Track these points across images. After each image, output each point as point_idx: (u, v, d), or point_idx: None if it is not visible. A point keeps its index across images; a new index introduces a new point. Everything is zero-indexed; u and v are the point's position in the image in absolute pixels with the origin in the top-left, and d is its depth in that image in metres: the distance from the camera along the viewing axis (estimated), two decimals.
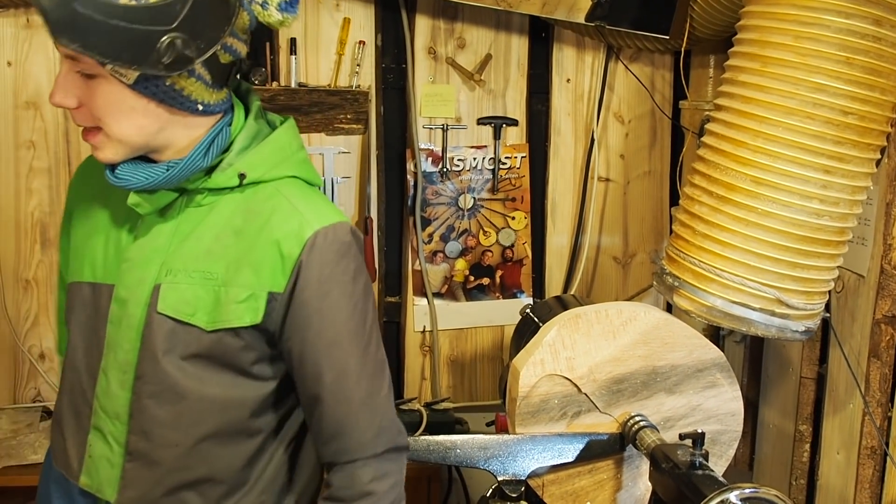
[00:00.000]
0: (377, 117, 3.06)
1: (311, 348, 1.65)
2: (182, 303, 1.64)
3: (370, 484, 1.71)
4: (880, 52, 2.00)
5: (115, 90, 1.53)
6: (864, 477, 2.33)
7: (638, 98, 3.22)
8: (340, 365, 1.67)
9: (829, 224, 2.09)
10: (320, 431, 1.72)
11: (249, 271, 1.63)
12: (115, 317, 1.68)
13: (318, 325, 1.64)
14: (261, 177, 1.68)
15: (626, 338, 2.10)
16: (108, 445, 1.71)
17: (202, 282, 1.64)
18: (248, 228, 1.64)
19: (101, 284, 1.71)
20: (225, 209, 1.67)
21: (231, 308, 1.63)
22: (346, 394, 1.68)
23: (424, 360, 3.22)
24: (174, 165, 1.61)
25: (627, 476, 2.14)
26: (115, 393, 1.69)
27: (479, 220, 3.18)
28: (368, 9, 2.99)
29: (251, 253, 1.63)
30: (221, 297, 1.63)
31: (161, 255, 1.66)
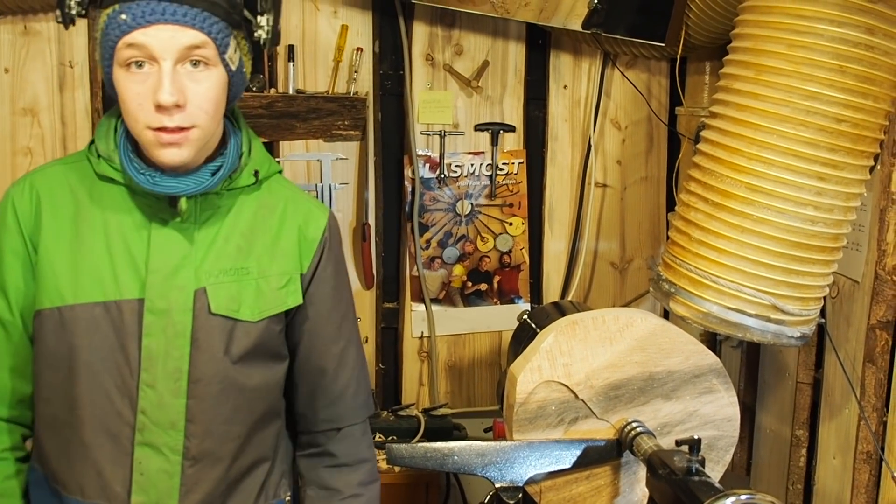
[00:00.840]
0: (375, 124, 3.07)
1: (326, 321, 1.85)
2: (230, 300, 1.72)
3: (368, 450, 1.95)
4: (873, 61, 2.01)
5: (222, 80, 1.62)
6: (861, 482, 2.34)
7: (634, 104, 3.23)
8: (347, 335, 1.90)
9: (823, 230, 2.10)
10: (320, 399, 1.88)
11: (282, 259, 1.78)
12: (155, 329, 1.67)
13: (335, 300, 1.86)
14: (266, 173, 1.80)
15: (622, 344, 2.11)
16: (164, 457, 1.70)
17: (240, 278, 1.73)
18: (268, 222, 1.78)
19: (121, 301, 1.67)
20: (244, 208, 1.76)
21: (273, 295, 1.76)
22: (349, 361, 1.89)
23: (422, 366, 3.23)
24: (218, 167, 1.68)
25: (625, 482, 2.14)
26: (169, 403, 1.69)
27: (477, 225, 3.19)
28: (366, 16, 3.01)
29: (278, 242, 1.78)
30: (262, 288, 1.75)
31: (192, 260, 1.69)
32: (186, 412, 1.70)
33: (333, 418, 1.90)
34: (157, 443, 1.69)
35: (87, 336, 1.67)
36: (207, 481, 1.75)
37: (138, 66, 1.55)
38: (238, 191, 1.75)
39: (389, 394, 3.26)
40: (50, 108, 2.83)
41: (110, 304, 1.67)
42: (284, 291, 1.78)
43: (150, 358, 1.67)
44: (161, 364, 1.68)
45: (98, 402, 1.69)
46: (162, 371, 1.68)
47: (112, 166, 1.68)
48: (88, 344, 1.67)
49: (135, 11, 1.52)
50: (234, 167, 1.72)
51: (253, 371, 1.76)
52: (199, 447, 1.72)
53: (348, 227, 3.11)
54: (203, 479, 1.74)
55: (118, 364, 1.68)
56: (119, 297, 1.67)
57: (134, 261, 1.68)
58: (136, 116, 1.58)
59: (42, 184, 1.74)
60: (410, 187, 3.12)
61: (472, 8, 2.84)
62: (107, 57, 1.58)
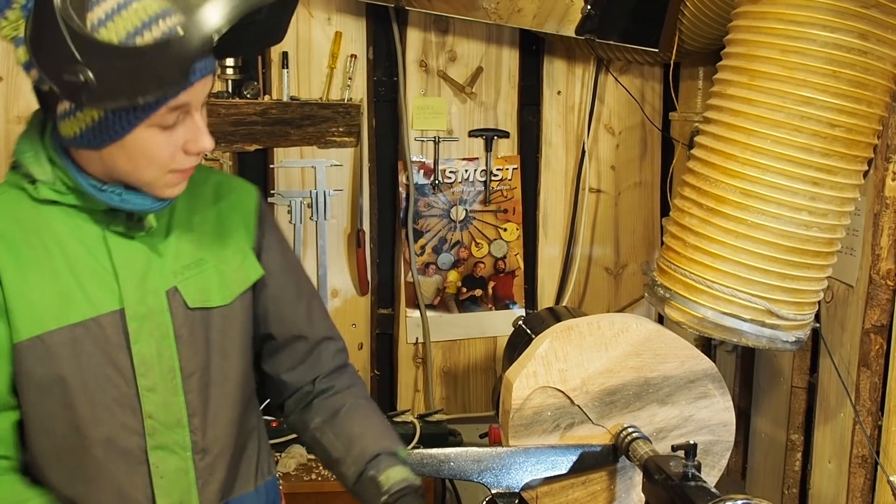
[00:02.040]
0: (369, 130, 3.08)
1: (285, 286, 1.88)
2: (200, 292, 1.72)
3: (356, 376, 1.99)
4: (866, 66, 2.02)
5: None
6: (856, 486, 2.35)
7: (628, 110, 3.24)
8: (309, 292, 1.94)
9: (818, 235, 2.11)
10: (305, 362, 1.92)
11: (229, 238, 1.78)
12: (142, 334, 1.66)
13: (287, 263, 1.90)
14: None
15: (618, 349, 2.11)
16: (178, 455, 1.71)
17: (201, 270, 1.73)
18: (206, 208, 1.78)
19: (99, 317, 1.63)
20: (179, 202, 1.73)
21: (236, 275, 1.77)
22: (318, 316, 1.94)
23: (417, 372, 3.23)
24: None
25: (621, 487, 2.14)
26: (171, 401, 1.69)
27: (471, 231, 3.19)
28: (360, 22, 3.01)
29: (221, 224, 1.78)
30: (224, 271, 1.75)
31: (155, 261, 1.68)
32: (187, 407, 1.71)
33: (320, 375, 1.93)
34: (169, 443, 1.70)
35: (74, 359, 1.62)
36: (219, 470, 1.76)
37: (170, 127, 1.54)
38: None
39: (385, 400, 3.26)
40: None
41: (88, 323, 1.62)
42: (244, 267, 1.79)
43: (145, 363, 1.66)
44: (157, 366, 1.67)
45: (102, 419, 1.66)
46: (159, 372, 1.67)
47: (54, 189, 1.60)
48: (77, 366, 1.63)
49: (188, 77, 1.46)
50: None
51: (236, 354, 1.78)
52: (204, 439, 1.73)
53: (343, 233, 3.11)
54: (215, 469, 1.76)
55: (111, 378, 1.65)
56: (96, 314, 1.63)
57: (100, 275, 1.64)
58: (165, 165, 1.56)
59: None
60: (405, 193, 3.12)
61: (466, 14, 2.85)
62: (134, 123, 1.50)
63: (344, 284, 3.15)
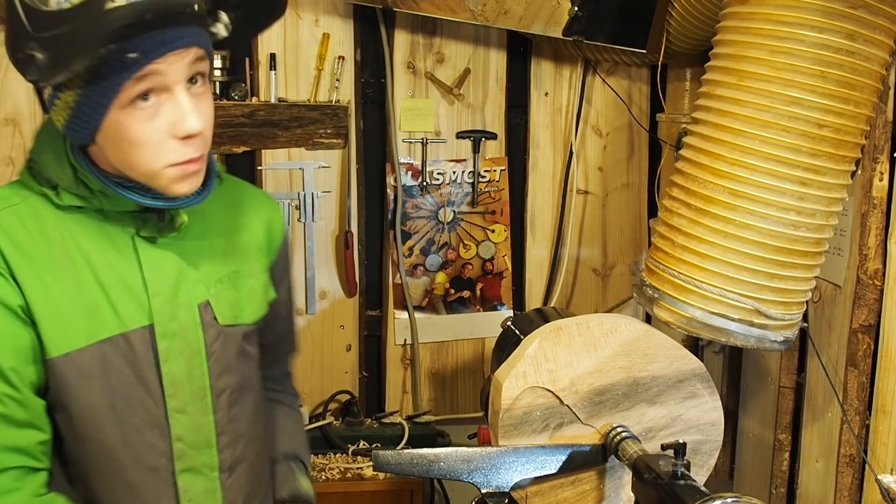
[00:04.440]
0: (357, 132, 3.07)
1: (285, 296, 1.91)
2: (232, 307, 1.69)
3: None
4: (854, 66, 2.03)
5: (211, 98, 1.51)
6: (844, 485, 2.35)
7: (615, 111, 3.25)
8: (292, 301, 2.01)
9: (806, 235, 2.12)
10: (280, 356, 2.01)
11: (257, 254, 1.78)
12: (173, 353, 1.59)
13: (288, 278, 1.94)
14: (221, 171, 1.74)
15: (607, 349, 2.11)
16: (205, 476, 1.67)
17: (234, 283, 1.71)
18: (240, 220, 1.77)
19: (128, 333, 1.56)
20: (214, 210, 1.70)
21: (262, 293, 1.78)
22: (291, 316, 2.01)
23: (405, 374, 3.23)
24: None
25: (610, 487, 2.14)
26: (200, 422, 1.64)
27: (459, 233, 3.19)
28: (347, 24, 3.01)
29: (253, 239, 1.78)
30: (255, 287, 1.76)
31: (187, 275, 1.62)
32: (216, 427, 1.67)
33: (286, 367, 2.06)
34: (197, 465, 1.65)
35: (102, 377, 1.55)
36: (244, 486, 1.75)
37: (144, 99, 1.41)
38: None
39: (373, 401, 3.26)
40: (32, 118, 2.82)
41: (117, 339, 1.55)
42: (265, 287, 1.79)
43: (175, 383, 1.60)
44: (187, 386, 1.61)
45: (131, 440, 1.59)
46: (189, 392, 1.61)
47: (78, 194, 1.53)
48: (105, 385, 1.55)
49: (144, 47, 1.36)
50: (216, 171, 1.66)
51: (254, 366, 1.78)
52: (231, 457, 1.70)
53: (331, 235, 3.11)
54: (241, 486, 1.74)
55: (140, 398, 1.58)
56: (125, 329, 1.56)
57: (130, 288, 1.57)
58: (156, 157, 1.45)
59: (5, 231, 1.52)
60: (393, 195, 3.12)
61: (452, 16, 2.85)
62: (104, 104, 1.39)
63: (332, 286, 3.14)
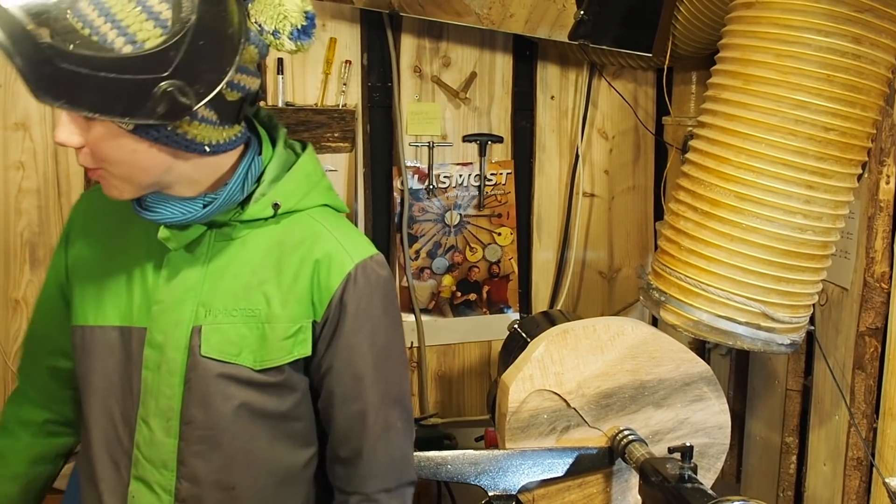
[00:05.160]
0: (364, 135, 3.08)
1: (337, 378, 1.65)
2: (227, 343, 1.59)
3: None
4: (860, 70, 2.03)
5: (114, 133, 1.44)
6: (851, 488, 2.35)
7: (621, 114, 3.25)
8: (363, 400, 1.66)
9: (812, 238, 2.12)
10: (338, 459, 1.70)
11: (295, 304, 1.61)
12: (152, 362, 1.61)
13: (346, 357, 1.64)
14: (294, 206, 1.64)
15: (613, 353, 2.12)
16: (156, 495, 1.63)
17: (245, 320, 1.60)
18: (288, 260, 1.62)
19: (132, 328, 1.62)
20: (260, 242, 1.62)
21: (280, 345, 1.61)
22: (364, 427, 1.67)
23: (412, 377, 3.23)
24: (212, 200, 1.56)
25: (616, 490, 2.15)
26: (161, 441, 1.62)
27: (466, 236, 3.20)
28: (354, 28, 3.01)
29: (296, 285, 1.61)
30: (268, 335, 1.60)
31: (195, 294, 1.60)
32: (178, 453, 1.62)
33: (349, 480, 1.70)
34: (150, 480, 1.63)
35: (102, 359, 1.64)
36: None
37: None
38: (255, 223, 1.62)
39: None
40: (42, 122, 2.83)
41: (125, 330, 1.63)
42: (292, 341, 1.62)
43: (147, 392, 1.61)
44: (155, 400, 1.61)
45: (104, 426, 1.65)
46: (155, 408, 1.61)
47: None
48: (102, 367, 1.64)
49: None
50: (235, 199, 1.58)
51: (255, 423, 1.64)
52: (189, 490, 1.63)
53: None
54: None
55: (124, 392, 1.63)
56: (131, 324, 1.62)
57: (146, 288, 1.61)
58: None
59: (91, 198, 1.75)
60: (399, 198, 3.13)
61: (458, 20, 2.85)
62: None
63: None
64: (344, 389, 1.65)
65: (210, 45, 1.41)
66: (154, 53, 1.36)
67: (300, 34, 1.52)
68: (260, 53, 1.55)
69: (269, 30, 1.51)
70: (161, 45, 1.37)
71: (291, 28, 1.51)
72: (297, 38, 1.53)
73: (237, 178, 1.57)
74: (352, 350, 1.64)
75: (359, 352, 1.64)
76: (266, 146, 1.65)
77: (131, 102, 1.38)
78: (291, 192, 1.63)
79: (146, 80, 1.37)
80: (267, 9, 1.50)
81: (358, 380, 1.65)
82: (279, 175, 1.63)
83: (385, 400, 1.68)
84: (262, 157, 1.63)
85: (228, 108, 1.52)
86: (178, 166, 1.52)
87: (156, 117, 1.40)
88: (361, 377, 1.65)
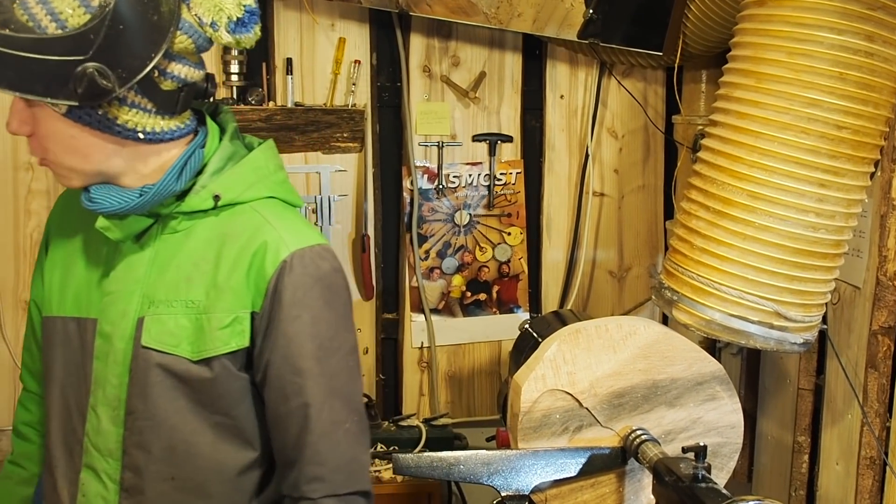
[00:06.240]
0: (373, 135, 3.08)
1: (276, 371, 1.61)
2: (166, 334, 1.61)
3: None
4: (873, 68, 2.03)
5: (51, 119, 1.51)
6: (864, 487, 2.35)
7: (631, 113, 3.24)
8: (303, 397, 1.61)
9: (825, 237, 2.11)
10: (285, 461, 1.66)
11: (231, 295, 1.60)
12: (101, 352, 1.64)
13: (284, 349, 1.60)
14: (236, 198, 1.65)
15: (626, 352, 2.11)
16: (102, 483, 1.66)
17: (185, 311, 1.61)
18: (227, 252, 1.61)
19: (86, 319, 1.66)
20: (202, 233, 1.64)
21: (216, 335, 1.60)
22: (306, 425, 1.62)
23: (422, 376, 3.23)
24: (147, 190, 1.58)
25: (629, 489, 2.14)
26: (107, 430, 1.64)
27: (476, 236, 3.19)
28: (363, 28, 3.02)
29: (232, 275, 1.60)
30: (204, 325, 1.60)
31: (141, 285, 1.63)
32: (123, 442, 1.64)
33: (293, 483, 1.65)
34: (97, 468, 1.66)
35: (62, 349, 1.69)
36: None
37: None
38: (198, 215, 1.64)
39: (390, 404, 3.27)
40: None
41: (81, 321, 1.67)
42: (229, 331, 1.60)
43: (96, 382, 1.65)
44: (103, 390, 1.64)
45: (61, 415, 1.70)
46: (103, 397, 1.64)
47: None
48: (62, 357, 1.69)
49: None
50: (171, 190, 1.60)
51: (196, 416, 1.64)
52: (131, 480, 1.65)
53: (347, 238, 3.12)
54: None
55: (79, 381, 1.67)
56: (87, 315, 1.66)
57: (98, 279, 1.66)
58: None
59: (65, 196, 1.83)
60: (409, 198, 3.13)
61: (466, 19, 2.85)
62: None
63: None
64: (284, 384, 1.61)
65: (132, 31, 1.45)
66: (75, 35, 1.42)
67: (237, 26, 1.57)
68: (197, 45, 1.57)
69: (206, 21, 1.54)
70: (82, 28, 1.42)
71: (228, 20, 1.55)
72: (235, 31, 1.57)
73: (173, 169, 1.60)
74: (290, 341, 1.60)
75: (297, 343, 1.60)
76: (213, 139, 1.67)
77: (52, 83, 1.43)
78: (233, 183, 1.64)
79: (66, 61, 1.42)
80: (205, 1, 1.54)
81: (298, 373, 1.60)
82: (222, 167, 1.65)
83: (330, 397, 1.63)
84: (204, 150, 1.65)
85: (166, 98, 1.56)
86: (120, 153, 1.57)
87: (77, 98, 1.44)
88: (301, 371, 1.61)
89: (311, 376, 1.61)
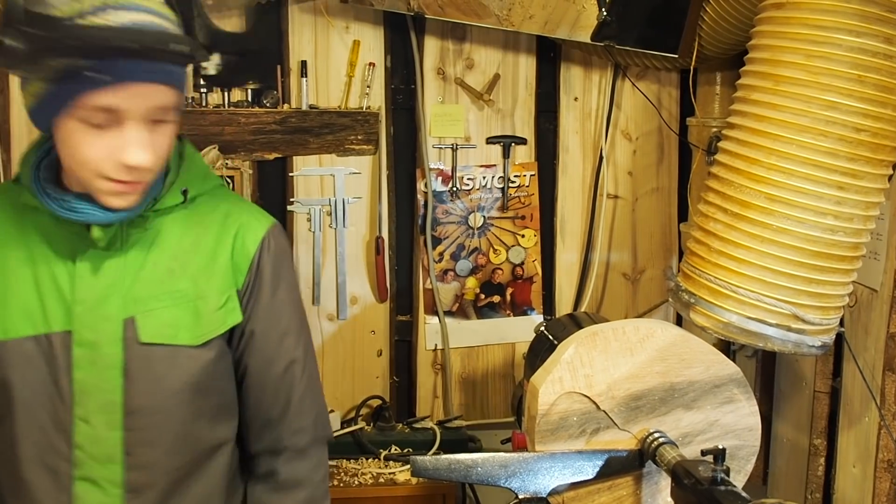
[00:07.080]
0: (387, 138, 3.08)
1: (264, 340, 1.77)
2: (163, 326, 1.65)
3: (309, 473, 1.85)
4: (892, 70, 2.02)
5: (173, 131, 1.59)
6: (882, 490, 2.34)
7: (645, 115, 3.24)
8: (290, 355, 1.81)
9: (843, 239, 2.11)
10: (260, 419, 1.82)
11: (219, 277, 1.72)
12: (85, 361, 1.63)
13: (269, 318, 1.78)
14: (199, 190, 1.75)
15: (643, 355, 2.11)
16: (103, 490, 1.66)
17: (174, 302, 1.67)
18: (205, 239, 1.72)
19: (52, 334, 1.63)
20: (174, 228, 1.70)
21: (214, 316, 1.71)
22: (293, 381, 1.81)
23: (436, 379, 3.23)
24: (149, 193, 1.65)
25: (647, 492, 2.14)
26: (104, 436, 1.64)
27: (490, 238, 3.19)
28: (378, 31, 3.02)
29: (216, 259, 1.72)
30: (201, 309, 1.69)
31: (119, 288, 1.64)
32: (124, 444, 1.65)
33: (276, 439, 1.82)
34: (96, 477, 1.66)
35: (21, 370, 1.63)
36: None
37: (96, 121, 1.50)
38: (166, 211, 1.69)
39: (404, 406, 3.27)
40: None
41: (41, 338, 1.62)
42: (224, 311, 1.72)
43: (83, 391, 1.63)
44: (93, 397, 1.63)
45: (34, 437, 1.65)
46: (95, 404, 1.63)
47: (32, 194, 1.61)
48: (22, 378, 1.63)
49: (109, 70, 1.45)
50: (158, 191, 1.66)
51: (198, 400, 1.71)
52: (139, 479, 1.67)
53: (362, 240, 3.12)
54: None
55: (51, 397, 1.64)
56: (48, 330, 1.62)
57: (60, 292, 1.63)
58: (96, 168, 1.52)
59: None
60: (423, 200, 3.13)
61: (478, 21, 2.85)
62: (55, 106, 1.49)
63: (363, 291, 3.15)
64: (270, 349, 1.78)
65: None
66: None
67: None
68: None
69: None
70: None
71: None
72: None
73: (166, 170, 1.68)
74: (274, 309, 1.78)
75: (279, 310, 1.78)
76: None
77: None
78: (193, 177, 1.73)
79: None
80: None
81: (285, 336, 1.80)
82: (179, 165, 1.71)
83: (308, 352, 1.85)
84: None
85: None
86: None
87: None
88: (288, 332, 1.80)
89: (295, 336, 1.82)
